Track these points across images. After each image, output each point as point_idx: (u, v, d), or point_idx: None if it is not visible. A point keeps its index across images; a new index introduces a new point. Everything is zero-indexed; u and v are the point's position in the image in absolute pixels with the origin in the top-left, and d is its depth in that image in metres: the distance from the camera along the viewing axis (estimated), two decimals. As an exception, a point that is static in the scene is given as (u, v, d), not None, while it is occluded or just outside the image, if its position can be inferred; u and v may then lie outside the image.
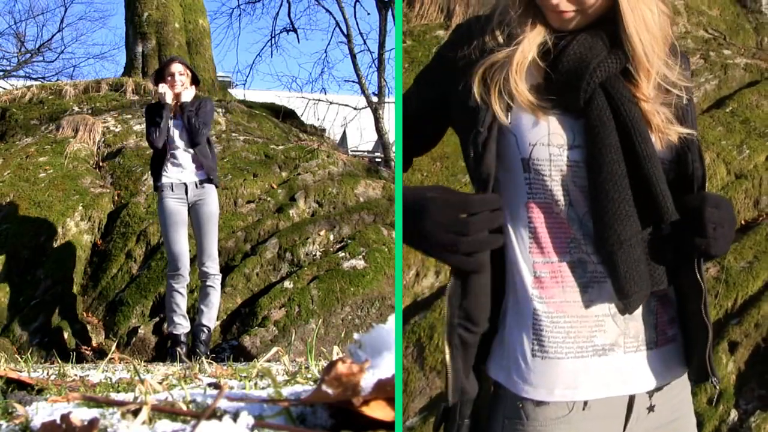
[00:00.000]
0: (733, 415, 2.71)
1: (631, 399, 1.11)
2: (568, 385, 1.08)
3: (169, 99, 3.72)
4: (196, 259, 3.74)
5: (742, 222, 3.35)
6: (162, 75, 3.83)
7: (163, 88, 3.73)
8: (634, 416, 1.11)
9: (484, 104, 1.09)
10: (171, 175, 3.70)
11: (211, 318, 3.61)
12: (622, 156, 1.05)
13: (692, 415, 1.20)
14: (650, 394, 1.13)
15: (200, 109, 3.73)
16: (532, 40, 1.10)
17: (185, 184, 3.69)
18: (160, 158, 3.72)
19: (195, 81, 3.90)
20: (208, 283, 3.63)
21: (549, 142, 1.08)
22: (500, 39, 1.11)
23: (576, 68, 1.07)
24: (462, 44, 1.15)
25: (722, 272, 3.02)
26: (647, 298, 1.09)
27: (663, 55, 1.11)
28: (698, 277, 1.10)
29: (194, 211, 3.71)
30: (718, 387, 1.15)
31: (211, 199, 3.75)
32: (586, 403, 1.09)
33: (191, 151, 3.71)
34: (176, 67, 3.79)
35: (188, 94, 3.78)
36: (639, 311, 1.11)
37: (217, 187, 3.85)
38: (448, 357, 1.09)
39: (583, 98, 1.07)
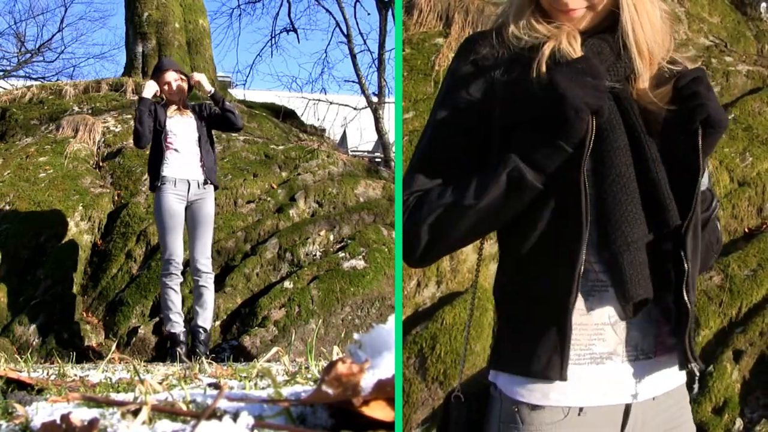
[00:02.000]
0: (738, 423, 2.71)
1: (628, 407, 1.10)
2: (564, 391, 1.08)
3: (148, 94, 3.77)
4: (190, 257, 3.74)
5: (746, 230, 3.32)
6: (158, 82, 3.84)
7: (149, 82, 3.82)
8: (630, 424, 1.11)
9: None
10: (174, 170, 3.70)
11: (206, 318, 3.61)
12: (632, 159, 1.05)
13: (691, 423, 1.19)
14: (648, 401, 1.12)
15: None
16: (552, 44, 1.09)
17: (188, 181, 3.71)
18: (159, 154, 3.73)
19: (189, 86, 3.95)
20: (200, 283, 3.63)
21: None
22: (525, 38, 1.10)
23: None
24: (483, 54, 1.13)
25: (726, 281, 3.01)
26: (648, 303, 1.07)
27: (666, 46, 1.11)
28: (681, 254, 1.08)
29: (192, 211, 3.73)
30: (697, 372, 1.13)
31: (210, 200, 3.79)
32: (581, 409, 1.08)
33: (197, 148, 3.76)
34: (171, 75, 3.82)
35: (206, 82, 3.87)
36: (640, 320, 1.10)
37: (217, 188, 3.90)
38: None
39: None
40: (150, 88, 3.79)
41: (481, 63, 1.13)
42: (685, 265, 1.07)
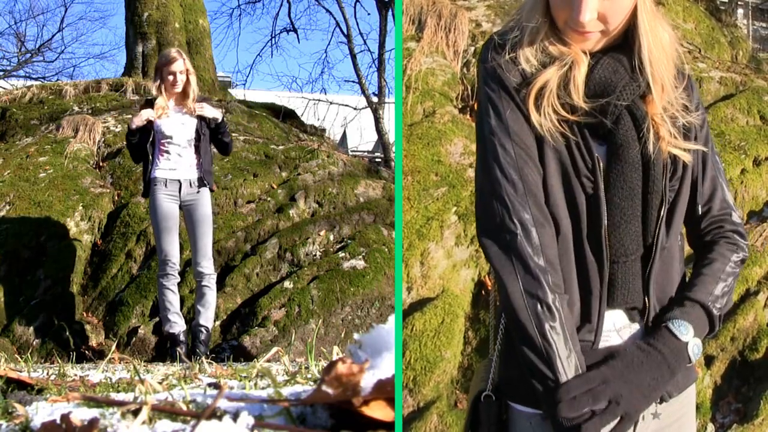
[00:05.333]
0: (710, 429, 2.74)
1: None
2: None
3: (139, 122, 3.63)
4: (191, 260, 3.72)
5: None
6: (161, 74, 3.74)
7: (147, 113, 3.65)
8: (640, 422, 1.14)
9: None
10: (165, 172, 3.65)
11: (208, 318, 3.60)
12: (641, 174, 1.11)
13: (693, 409, 1.24)
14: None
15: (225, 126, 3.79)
16: (575, 62, 1.11)
17: (179, 181, 3.65)
18: (152, 158, 3.66)
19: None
20: (203, 284, 3.61)
21: None
22: (534, 61, 1.12)
23: (603, 91, 1.10)
24: (510, 66, 1.14)
25: None
26: (639, 309, 1.14)
27: (673, 74, 1.15)
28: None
29: (187, 213, 3.68)
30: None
31: (205, 201, 3.70)
32: None
33: (192, 148, 3.68)
34: (177, 66, 3.69)
35: (210, 111, 3.70)
36: (643, 326, 1.15)
37: (212, 191, 3.80)
38: None
39: (611, 120, 1.10)
40: (142, 117, 3.65)
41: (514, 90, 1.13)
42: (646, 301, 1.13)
